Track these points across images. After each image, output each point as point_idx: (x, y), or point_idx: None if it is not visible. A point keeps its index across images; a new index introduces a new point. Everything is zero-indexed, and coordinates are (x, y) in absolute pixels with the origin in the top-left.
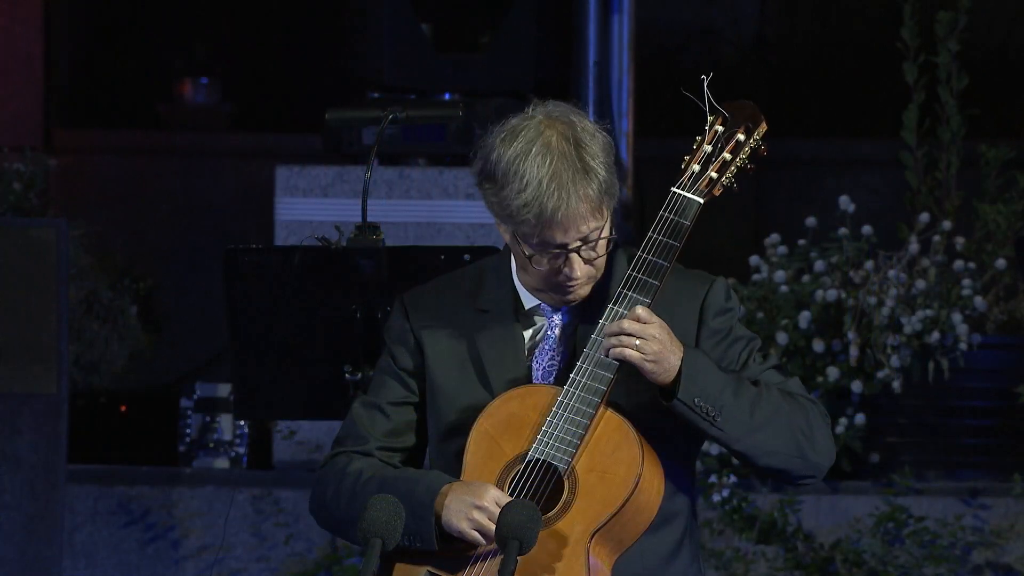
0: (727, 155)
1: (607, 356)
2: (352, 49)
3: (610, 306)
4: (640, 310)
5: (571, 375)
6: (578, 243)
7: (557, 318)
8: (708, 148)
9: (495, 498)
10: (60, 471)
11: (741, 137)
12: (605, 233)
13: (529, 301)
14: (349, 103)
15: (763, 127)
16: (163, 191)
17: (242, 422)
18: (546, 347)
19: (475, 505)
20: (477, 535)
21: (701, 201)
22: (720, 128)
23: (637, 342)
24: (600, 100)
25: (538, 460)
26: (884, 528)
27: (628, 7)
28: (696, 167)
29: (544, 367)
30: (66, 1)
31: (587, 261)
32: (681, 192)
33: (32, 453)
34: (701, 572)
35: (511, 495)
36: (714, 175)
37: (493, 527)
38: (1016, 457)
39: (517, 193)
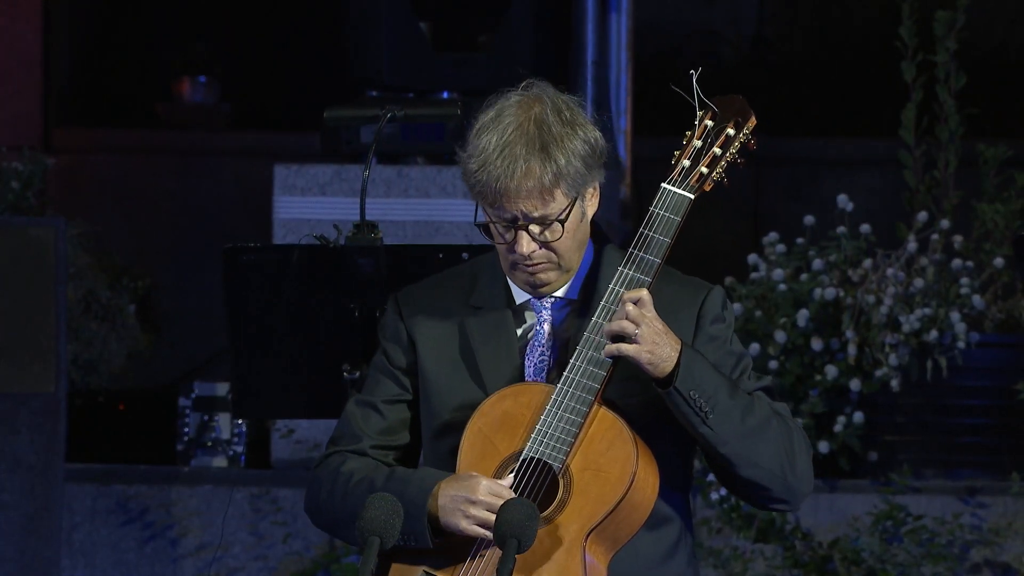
0: (717, 150)
1: (603, 354)
2: (351, 49)
3: (602, 303)
4: (640, 292)
5: (565, 373)
6: (525, 220)
7: (546, 313)
8: (698, 143)
9: (488, 488)
10: (58, 470)
11: (731, 131)
12: (563, 218)
13: (520, 296)
14: (348, 102)
15: (752, 121)
16: (162, 190)
17: (240, 421)
18: (536, 342)
19: (469, 500)
20: (478, 529)
21: (691, 196)
22: (710, 123)
23: (635, 331)
24: (599, 99)
25: (533, 459)
26: (882, 527)
27: (626, 7)
28: (686, 162)
29: (535, 363)
30: (66, 1)
31: (542, 244)
32: (671, 188)
33: (31, 452)
34: (697, 573)
35: None
36: (704, 170)
37: (491, 517)
38: (1014, 456)
39: (473, 158)
